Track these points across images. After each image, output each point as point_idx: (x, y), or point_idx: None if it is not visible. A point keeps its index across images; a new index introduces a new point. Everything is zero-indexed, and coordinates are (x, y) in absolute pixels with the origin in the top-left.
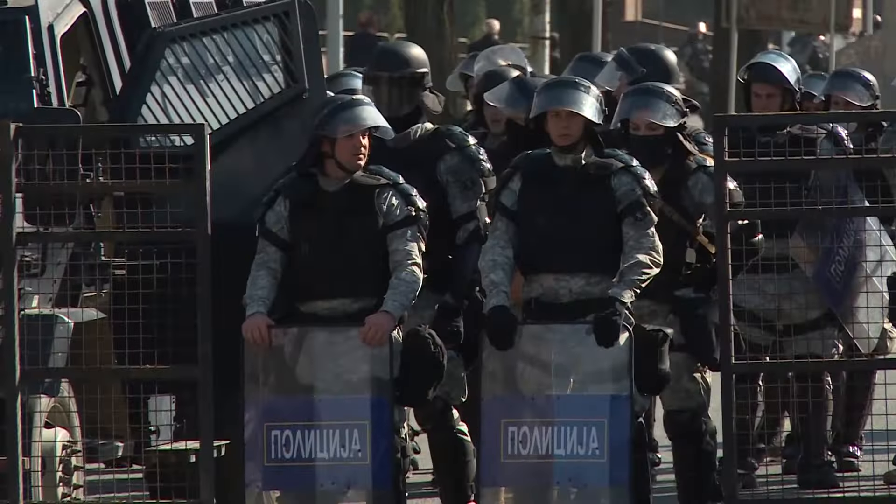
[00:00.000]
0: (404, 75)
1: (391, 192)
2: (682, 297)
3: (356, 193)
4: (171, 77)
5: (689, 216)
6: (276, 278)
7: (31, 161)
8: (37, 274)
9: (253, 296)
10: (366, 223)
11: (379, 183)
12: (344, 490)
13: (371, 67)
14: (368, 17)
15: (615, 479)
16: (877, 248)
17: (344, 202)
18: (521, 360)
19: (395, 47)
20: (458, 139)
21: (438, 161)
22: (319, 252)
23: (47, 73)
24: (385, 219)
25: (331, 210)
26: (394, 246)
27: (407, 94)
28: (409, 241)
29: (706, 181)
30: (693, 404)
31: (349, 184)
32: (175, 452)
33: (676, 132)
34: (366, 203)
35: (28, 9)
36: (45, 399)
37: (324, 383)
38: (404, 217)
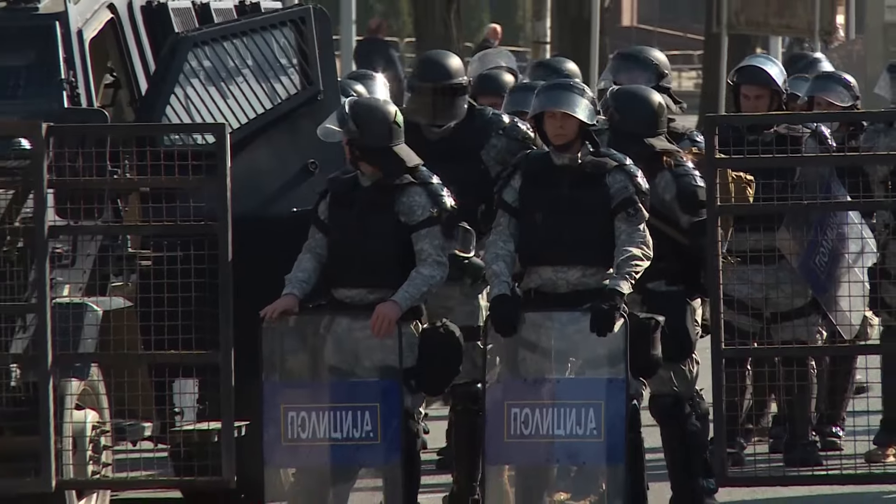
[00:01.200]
0: (446, 86)
1: (418, 192)
2: (653, 289)
3: (380, 191)
4: (194, 79)
5: (657, 212)
6: (320, 262)
7: (62, 158)
8: (67, 265)
9: (291, 278)
10: (385, 219)
11: (404, 183)
12: (356, 468)
13: (414, 77)
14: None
15: (612, 457)
16: (858, 240)
17: (369, 198)
18: (523, 346)
19: (438, 58)
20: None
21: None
22: (346, 243)
23: (77, 76)
24: (408, 218)
25: (358, 205)
26: (418, 245)
27: (448, 103)
28: (432, 239)
29: (669, 179)
30: (669, 389)
31: (376, 182)
32: (198, 432)
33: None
34: (388, 201)
35: (58, 15)
36: (75, 382)
37: (337, 367)
38: (427, 217)
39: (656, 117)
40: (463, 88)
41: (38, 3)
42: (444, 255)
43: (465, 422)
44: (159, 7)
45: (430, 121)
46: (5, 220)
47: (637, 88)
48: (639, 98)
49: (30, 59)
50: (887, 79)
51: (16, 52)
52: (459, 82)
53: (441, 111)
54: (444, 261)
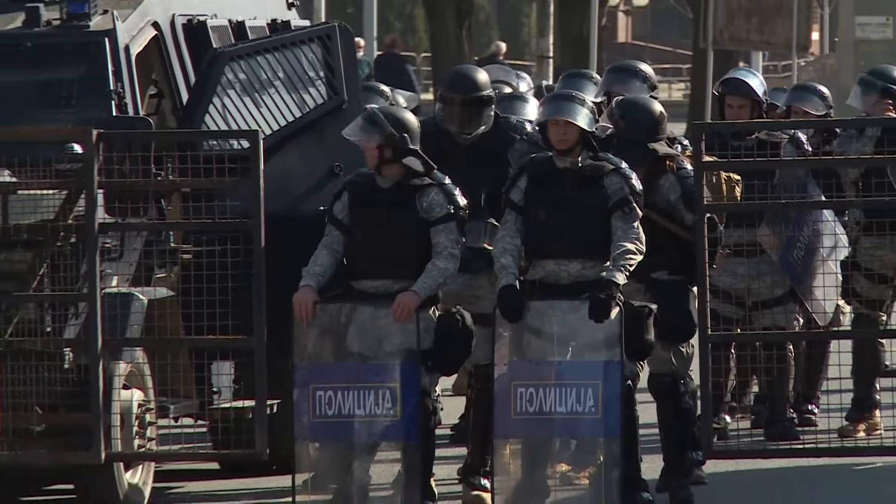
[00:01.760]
0: (473, 97)
1: (435, 192)
2: (657, 279)
3: (402, 191)
4: (230, 90)
5: (662, 211)
6: (335, 258)
7: (111, 162)
8: (116, 258)
9: (309, 270)
10: (407, 217)
11: (423, 184)
12: (378, 442)
13: (445, 89)
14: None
15: (608, 432)
16: (832, 235)
17: (391, 198)
18: (528, 331)
19: (466, 72)
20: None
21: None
22: (369, 239)
23: (124, 87)
24: (427, 214)
25: (381, 204)
26: (435, 239)
27: (476, 113)
28: (448, 234)
29: (673, 181)
30: (668, 369)
31: (397, 183)
32: (234, 410)
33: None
34: (409, 200)
35: (108, 32)
36: (123, 364)
37: (361, 351)
38: (444, 214)
39: (657, 124)
40: (489, 99)
41: (89, 22)
42: (457, 248)
43: (483, 400)
44: (199, 25)
45: (459, 128)
46: (59, 217)
47: (640, 98)
48: (641, 107)
49: (82, 71)
50: (858, 91)
51: (69, 66)
52: (486, 94)
53: (469, 120)
54: (458, 253)
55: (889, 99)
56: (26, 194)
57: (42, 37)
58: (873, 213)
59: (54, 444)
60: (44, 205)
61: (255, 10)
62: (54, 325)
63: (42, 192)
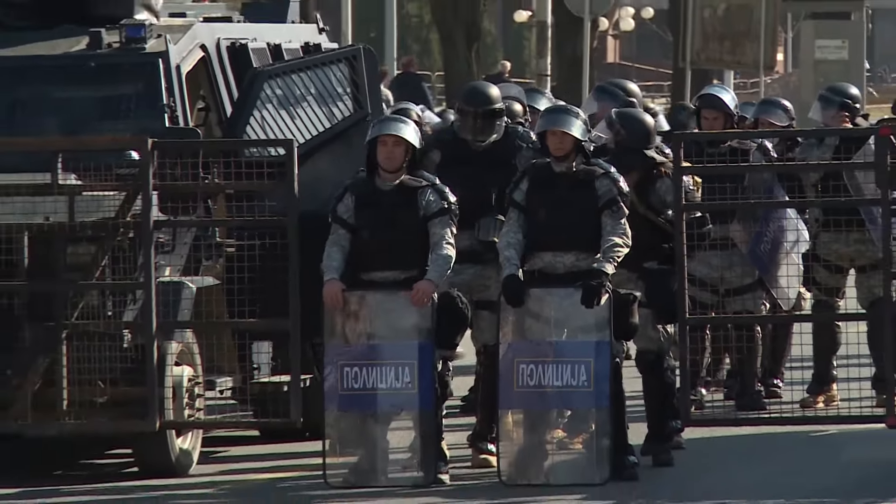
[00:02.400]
0: (486, 110)
1: (430, 191)
2: (648, 268)
3: (404, 192)
4: (268, 104)
5: (655, 209)
6: (344, 253)
7: (164, 167)
8: (168, 251)
9: (328, 266)
10: (410, 214)
11: (421, 184)
12: (398, 412)
13: (462, 102)
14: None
15: (599, 403)
16: (794, 231)
17: (395, 198)
18: (528, 315)
19: (480, 87)
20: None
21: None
22: (376, 235)
23: (175, 102)
24: (425, 210)
25: (385, 204)
26: (432, 230)
27: (488, 124)
28: (445, 226)
29: (668, 184)
30: (655, 347)
31: (399, 184)
32: (271, 384)
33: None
34: (411, 199)
35: (161, 53)
36: (174, 344)
37: (382, 332)
38: (440, 209)
39: (651, 134)
40: (500, 112)
41: (145, 45)
42: (452, 237)
43: (490, 375)
44: (241, 47)
45: (473, 137)
46: (119, 215)
47: (635, 111)
48: (638, 119)
49: (138, 88)
50: (818, 106)
51: (127, 83)
52: (498, 107)
53: (482, 130)
54: (453, 241)
55: (846, 112)
56: (90, 195)
57: (104, 58)
58: (831, 212)
59: (115, 414)
60: (105, 204)
61: (290, 34)
62: (114, 310)
63: (104, 194)
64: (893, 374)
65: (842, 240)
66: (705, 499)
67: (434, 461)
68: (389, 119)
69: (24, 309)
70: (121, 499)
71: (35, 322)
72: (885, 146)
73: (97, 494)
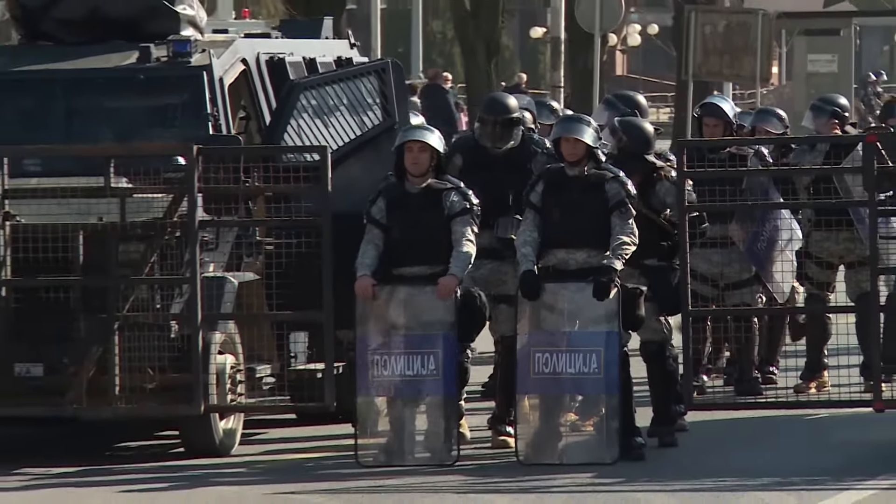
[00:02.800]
0: (505, 119)
1: (454, 193)
2: (650, 265)
3: (430, 194)
4: (304, 114)
5: (655, 210)
6: (378, 251)
7: (208, 171)
8: (212, 248)
9: (361, 263)
10: (436, 214)
11: (446, 187)
12: (424, 396)
13: (482, 112)
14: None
15: (608, 389)
16: (788, 230)
17: (422, 200)
18: (543, 307)
19: (499, 98)
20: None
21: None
22: (406, 235)
23: (218, 111)
24: (449, 210)
25: (413, 206)
26: (455, 228)
27: (506, 131)
28: (466, 225)
29: (668, 186)
30: (658, 338)
31: (426, 187)
32: (307, 371)
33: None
34: (437, 201)
35: (205, 66)
36: (218, 334)
37: (410, 324)
38: (462, 209)
39: (650, 140)
40: (518, 120)
41: (190, 59)
42: (473, 235)
43: (508, 363)
44: (279, 61)
45: (493, 143)
46: (167, 216)
47: (637, 119)
48: (639, 126)
49: (184, 98)
50: (811, 115)
51: (174, 94)
52: (515, 116)
53: (500, 137)
54: (474, 239)
55: (836, 120)
56: (140, 197)
57: (152, 71)
58: (822, 213)
59: (163, 398)
60: (154, 206)
61: (324, 49)
62: (162, 303)
63: (153, 196)
64: (879, 362)
65: (832, 238)
66: (706, 477)
67: (456, 442)
68: (415, 127)
69: (79, 302)
70: (169, 476)
71: (89, 314)
72: (871, 152)
73: (147, 473)
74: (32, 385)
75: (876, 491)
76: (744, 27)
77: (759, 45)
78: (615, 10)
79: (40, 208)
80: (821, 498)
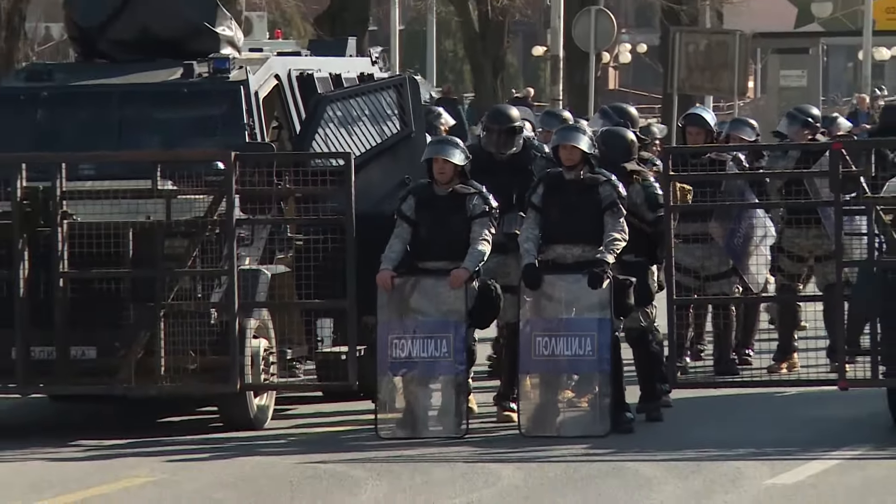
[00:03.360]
0: (508, 128)
1: (477, 197)
2: (626, 260)
3: (455, 198)
4: (330, 124)
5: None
6: (405, 244)
7: (245, 175)
8: (248, 244)
9: (387, 257)
10: (460, 216)
11: (469, 191)
12: (437, 376)
13: (488, 121)
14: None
15: (601, 369)
16: (763, 228)
17: (448, 202)
18: (543, 297)
19: (503, 109)
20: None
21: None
22: (432, 232)
23: (254, 121)
24: (471, 212)
25: (440, 207)
26: (474, 228)
27: (509, 139)
28: (484, 226)
29: (638, 189)
30: (638, 325)
31: (452, 191)
32: (332, 353)
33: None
34: (461, 203)
35: (242, 81)
36: (253, 321)
37: (427, 311)
38: (481, 212)
39: (630, 149)
40: (520, 129)
41: (229, 74)
42: (490, 235)
43: (512, 346)
44: (308, 76)
45: (497, 150)
46: (207, 215)
47: (617, 129)
48: (618, 136)
49: (223, 110)
50: (785, 122)
51: (215, 106)
52: (517, 125)
53: (504, 144)
54: (490, 239)
55: (808, 129)
56: (184, 198)
57: (195, 85)
58: (794, 212)
59: (203, 378)
60: (196, 206)
61: (348, 66)
62: (203, 293)
63: (195, 197)
64: (844, 345)
65: (803, 235)
66: (689, 448)
67: (465, 417)
68: (441, 142)
69: (129, 292)
70: (209, 448)
71: (138, 303)
72: (837, 158)
73: (189, 444)
74: (87, 366)
75: (840, 461)
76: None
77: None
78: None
79: (94, 208)
80: (791, 466)
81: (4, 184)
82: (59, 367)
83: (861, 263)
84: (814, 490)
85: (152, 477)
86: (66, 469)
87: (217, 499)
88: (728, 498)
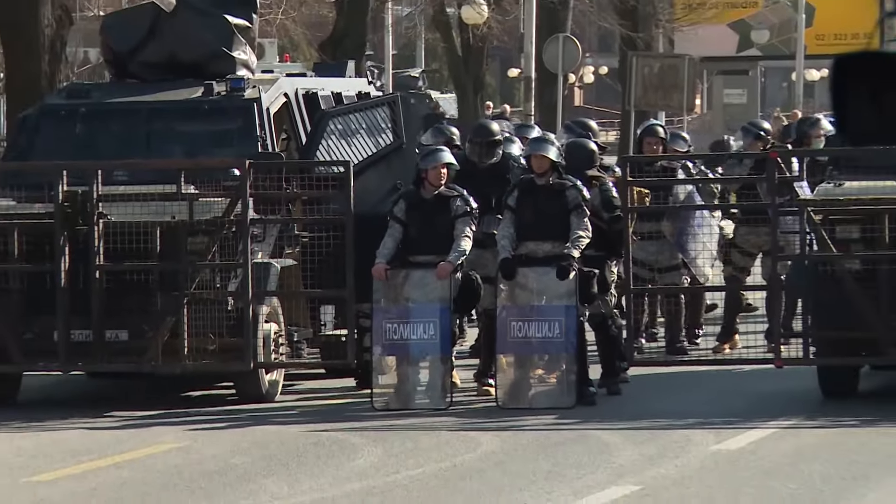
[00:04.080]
0: (488, 140)
1: (459, 199)
2: (588, 254)
3: (440, 200)
4: (332, 136)
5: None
6: (396, 242)
7: (258, 180)
8: (260, 241)
9: (381, 252)
10: (445, 217)
11: (452, 195)
12: (426, 356)
13: (471, 135)
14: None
15: (568, 349)
16: (709, 227)
17: (434, 204)
18: (518, 286)
19: (485, 124)
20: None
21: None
22: (421, 230)
23: (266, 134)
24: (454, 213)
25: (427, 209)
26: (457, 227)
27: (490, 150)
28: (465, 225)
29: (596, 192)
30: (600, 311)
31: (437, 195)
32: (334, 336)
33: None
34: (446, 206)
35: (256, 99)
36: (264, 307)
37: (416, 298)
38: (463, 212)
39: (592, 157)
40: (499, 141)
41: (244, 93)
42: (471, 233)
43: (490, 330)
44: (312, 94)
45: (479, 159)
46: (225, 215)
47: (580, 141)
48: (581, 147)
49: (239, 124)
50: (741, 134)
51: (231, 120)
52: (497, 138)
53: (485, 155)
54: (471, 235)
55: (759, 141)
56: (204, 201)
57: (214, 102)
58: (747, 213)
59: (221, 358)
60: (215, 207)
61: (348, 85)
62: (221, 283)
63: (214, 200)
64: (780, 329)
65: (754, 232)
66: (644, 419)
67: (449, 391)
68: (438, 150)
69: (156, 282)
70: (226, 418)
71: (165, 292)
72: (773, 165)
73: (208, 416)
74: (119, 347)
75: (777, 429)
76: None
77: (685, 82)
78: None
79: (126, 209)
80: (734, 434)
81: (48, 188)
82: (95, 348)
83: (795, 257)
84: (754, 455)
85: (177, 443)
86: (102, 436)
87: (234, 463)
88: (679, 461)
